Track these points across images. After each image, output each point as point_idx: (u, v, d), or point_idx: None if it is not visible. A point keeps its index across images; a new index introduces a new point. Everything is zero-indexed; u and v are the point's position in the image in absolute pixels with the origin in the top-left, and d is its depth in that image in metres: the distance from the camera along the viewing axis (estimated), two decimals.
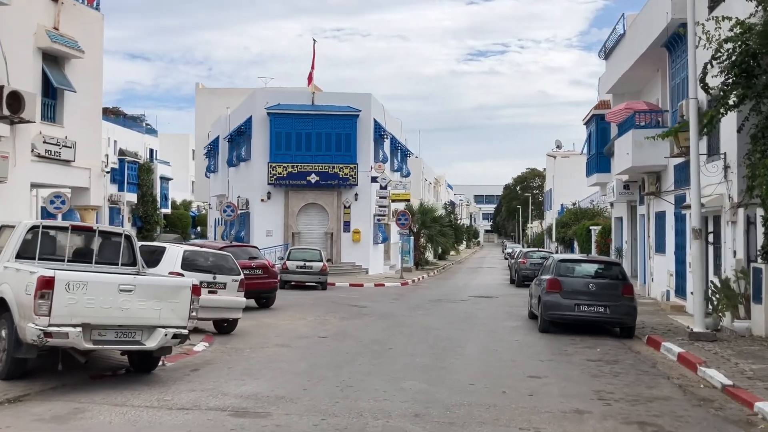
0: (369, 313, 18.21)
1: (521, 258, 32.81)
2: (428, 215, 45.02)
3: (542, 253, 32.65)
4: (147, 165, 61.08)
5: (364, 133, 34.42)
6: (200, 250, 13.88)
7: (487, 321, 17.05)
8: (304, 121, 33.71)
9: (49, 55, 17.40)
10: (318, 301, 21.14)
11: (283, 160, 33.42)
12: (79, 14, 18.47)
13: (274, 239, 33.43)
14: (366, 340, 13.32)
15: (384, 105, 38.60)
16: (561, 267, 15.01)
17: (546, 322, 14.82)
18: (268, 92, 35.25)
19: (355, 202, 34.40)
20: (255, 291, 18.30)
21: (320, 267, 25.94)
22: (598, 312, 14.27)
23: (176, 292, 8.89)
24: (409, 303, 21.44)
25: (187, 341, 11.61)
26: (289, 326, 15.17)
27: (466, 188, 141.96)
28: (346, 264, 34.11)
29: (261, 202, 33.99)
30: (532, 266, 29.57)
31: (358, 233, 34.34)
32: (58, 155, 17.46)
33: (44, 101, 17.52)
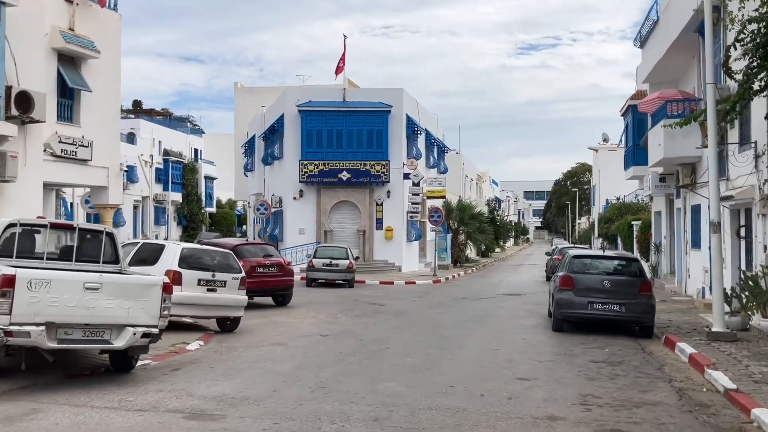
0: (384, 311, 17.86)
1: (556, 254, 31.93)
2: (466, 212, 44.37)
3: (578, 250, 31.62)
4: (191, 165, 62.03)
5: (395, 129, 34.05)
6: (200, 248, 13.76)
7: (503, 319, 16.51)
8: (335, 118, 33.54)
9: (64, 56, 17.60)
10: (339, 299, 20.89)
11: (315, 157, 33.34)
12: (96, 15, 18.64)
13: (307, 237, 33.40)
14: (367, 338, 12.99)
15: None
16: (575, 263, 14.36)
17: (559, 321, 14.22)
18: (299, 90, 35.23)
19: (387, 200, 34.06)
20: (270, 289, 18.23)
21: (346, 264, 25.71)
22: (612, 310, 13.59)
23: (146, 291, 8.72)
24: (431, 301, 21.01)
25: (181, 340, 11.57)
26: (296, 324, 14.95)
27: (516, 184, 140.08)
28: (378, 261, 33.84)
29: (293, 200, 33.99)
30: None
31: (391, 230, 34.00)
32: (74, 154, 17.64)
33: (60, 101, 17.73)
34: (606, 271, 14.19)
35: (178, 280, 12.62)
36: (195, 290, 12.82)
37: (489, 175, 72.75)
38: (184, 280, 12.69)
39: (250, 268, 17.65)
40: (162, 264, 12.88)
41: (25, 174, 15.12)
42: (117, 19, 19.41)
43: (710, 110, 12.61)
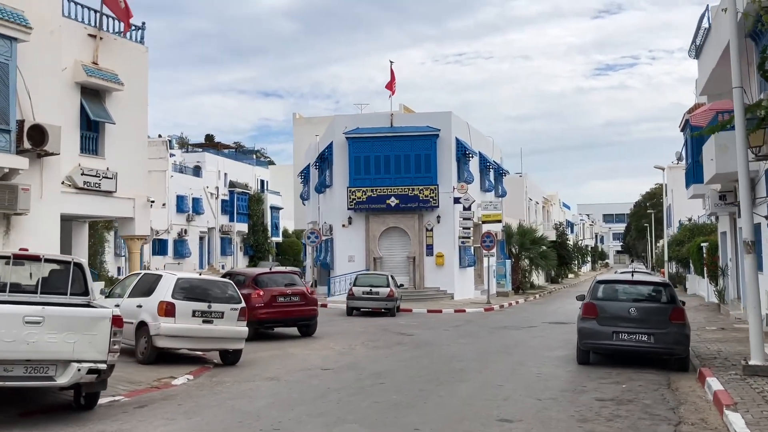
0: (408, 341, 17.00)
1: None
2: (527, 236, 42.92)
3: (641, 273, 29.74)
4: (257, 196, 62.96)
5: (444, 153, 33.27)
6: (197, 277, 13.36)
7: (531, 350, 15.35)
8: (382, 144, 33.09)
9: (88, 89, 17.82)
10: (370, 328, 20.14)
11: (363, 184, 32.92)
12: (121, 48, 18.87)
13: (356, 265, 32.87)
14: (368, 372, 12.19)
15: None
16: (599, 289, 13.16)
17: (582, 353, 13.01)
18: (347, 117, 34.98)
19: (437, 225, 33.20)
20: (291, 319, 17.72)
21: (387, 293, 24.97)
22: (640, 341, 12.31)
23: (93, 324, 8.28)
24: (466, 331, 19.96)
25: (170, 374, 11.07)
26: (306, 357, 14.30)
27: (594, 207, 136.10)
28: (429, 289, 32.92)
29: (342, 227, 33.61)
30: None
31: (442, 257, 33.05)
32: (98, 186, 17.75)
33: (85, 134, 17.93)
34: (633, 297, 12.91)
35: (171, 311, 12.25)
36: (189, 322, 12.39)
37: (558, 197, 70.56)
38: (177, 311, 12.30)
39: (270, 297, 17.26)
40: (157, 295, 12.55)
41: (41, 207, 15.19)
42: (143, 52, 19.61)
43: (738, 117, 11.35)
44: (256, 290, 17.30)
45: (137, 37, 19.61)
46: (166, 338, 12.18)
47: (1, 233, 14.56)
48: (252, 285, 17.52)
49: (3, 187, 14.12)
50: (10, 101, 14.14)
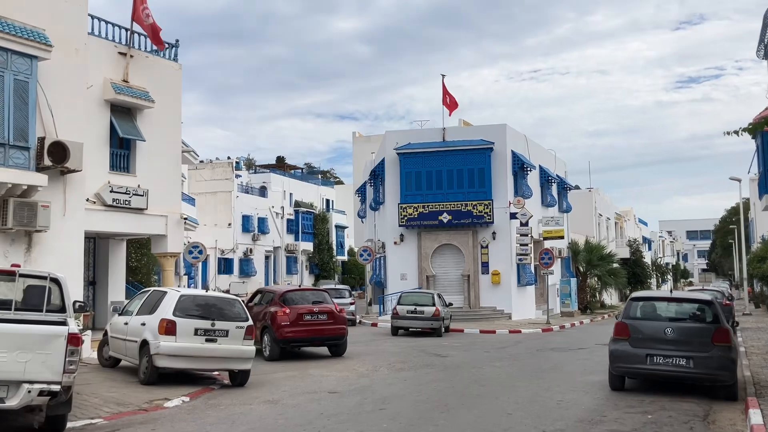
0: (438, 364, 16.04)
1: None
2: (594, 253, 41.03)
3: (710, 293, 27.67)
4: (322, 215, 63.14)
5: (499, 167, 32.13)
6: (202, 294, 12.83)
7: (567, 375, 14.12)
8: (434, 159, 32.27)
9: (118, 107, 17.85)
10: (405, 349, 19.26)
11: (414, 200, 32.16)
12: (153, 65, 18.87)
13: (409, 283, 32.03)
14: (376, 397, 11.37)
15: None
16: (632, 307, 11.89)
17: (615, 378, 11.77)
18: (399, 134, 34.35)
19: (492, 242, 32.01)
20: (318, 338, 17.08)
21: (432, 312, 24.02)
22: (677, 365, 10.99)
23: (47, 342, 7.83)
24: (509, 352, 18.79)
25: (166, 395, 10.56)
26: (322, 379, 13.58)
27: (677, 224, 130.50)
28: (485, 309, 31.69)
29: (394, 245, 32.88)
30: None
31: (498, 275, 31.79)
32: (128, 204, 17.69)
33: (115, 151, 17.93)
34: (671, 316, 11.59)
35: (172, 329, 11.80)
36: (191, 340, 11.91)
37: (633, 213, 67.61)
38: (178, 329, 11.84)
39: (297, 315, 16.70)
40: (159, 312, 12.14)
41: (64, 224, 15.16)
42: (177, 69, 19.57)
43: None
44: (283, 308, 16.77)
45: (171, 55, 19.61)
46: (167, 358, 11.73)
47: (23, 250, 14.55)
48: (279, 302, 17.01)
49: (22, 204, 14.11)
50: (29, 119, 14.15)
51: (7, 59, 13.77)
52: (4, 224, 13.96)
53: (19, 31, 13.91)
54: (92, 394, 10.83)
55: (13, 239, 14.34)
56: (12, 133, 13.79)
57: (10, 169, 13.74)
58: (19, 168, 13.91)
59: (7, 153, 13.75)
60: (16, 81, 13.92)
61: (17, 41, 13.80)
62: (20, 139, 13.98)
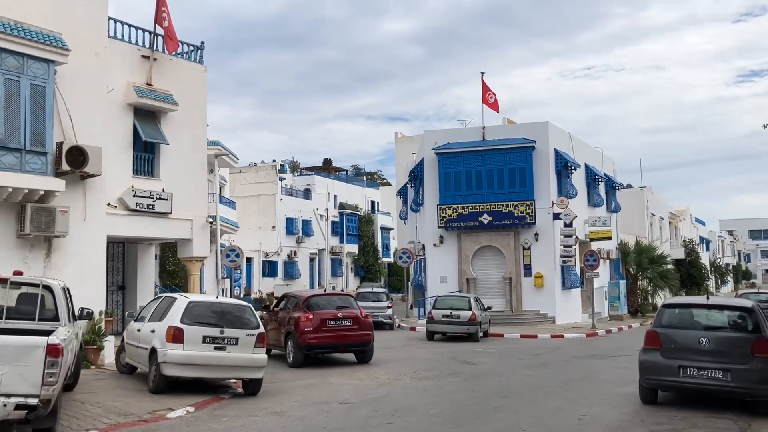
0: (466, 372, 15.36)
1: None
2: (645, 254, 39.52)
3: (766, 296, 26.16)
4: (367, 217, 62.84)
5: (541, 166, 31.11)
6: (211, 301, 12.47)
7: (597, 386, 13.27)
8: (473, 159, 31.46)
9: (141, 110, 17.74)
10: (437, 356, 18.62)
11: (453, 201, 31.42)
12: (177, 68, 18.73)
13: (448, 286, 31.29)
14: (387, 409, 10.80)
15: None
16: (665, 314, 11.01)
17: (646, 391, 10.93)
18: (437, 133, 33.64)
19: (535, 243, 31.00)
20: (342, 344, 16.59)
21: (468, 316, 23.29)
22: (713, 378, 10.08)
23: (24, 354, 7.51)
24: (544, 359, 17.96)
25: (170, 406, 10.22)
26: (340, 387, 13.08)
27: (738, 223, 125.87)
28: (528, 312, 30.71)
29: (434, 247, 32.20)
30: None
31: (541, 277, 30.77)
32: (151, 208, 17.55)
33: (139, 155, 17.83)
34: (707, 325, 10.67)
35: (179, 337, 11.47)
36: (199, 348, 11.55)
37: (689, 212, 65.18)
38: (186, 336, 11.49)
39: (320, 321, 16.27)
40: (167, 320, 11.83)
41: (85, 229, 15.07)
42: (202, 71, 19.40)
43: None
44: (306, 314, 16.35)
45: (195, 57, 19.46)
46: (174, 366, 11.40)
47: (43, 256, 14.50)
48: (303, 308, 16.60)
49: (40, 210, 14.04)
50: (46, 124, 14.08)
51: (23, 64, 13.73)
52: (22, 230, 13.92)
53: (35, 36, 13.85)
54: (96, 404, 10.56)
55: (32, 245, 14.30)
56: (29, 138, 13.73)
57: (27, 175, 13.68)
58: (36, 173, 13.85)
59: (24, 158, 13.70)
60: (32, 86, 13.86)
61: (33, 46, 13.74)
62: (37, 144, 13.91)
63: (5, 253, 13.84)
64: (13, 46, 13.49)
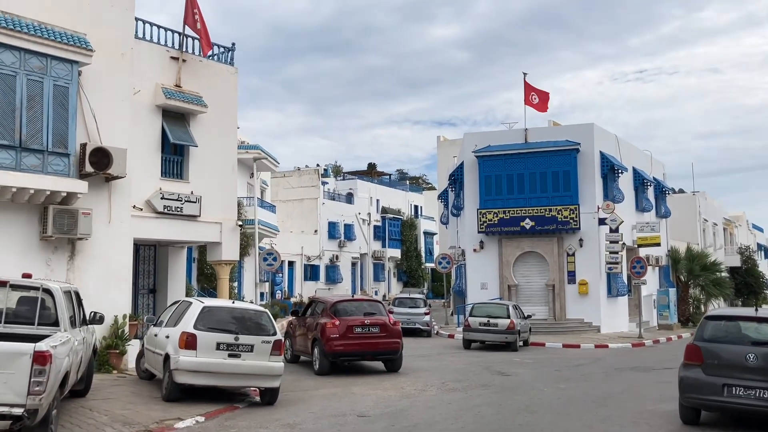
0: (497, 384, 14.61)
1: None
2: (696, 262, 37.90)
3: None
4: (410, 221, 62.23)
5: (586, 169, 30.03)
6: (227, 306, 12.02)
7: (636, 403, 12.36)
8: (515, 162, 30.57)
9: (170, 112, 17.52)
10: (470, 366, 17.90)
11: (494, 205, 30.57)
12: (207, 70, 18.46)
13: (489, 293, 30.46)
14: (404, 423, 10.20)
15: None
16: (708, 327, 10.11)
17: (687, 410, 10.06)
18: (478, 135, 32.82)
19: (579, 249, 29.94)
20: (370, 352, 16.09)
21: (506, 324, 22.47)
22: (762, 399, 9.16)
23: (9, 361, 7.15)
24: (583, 371, 17.07)
25: (179, 415, 9.83)
26: (362, 398, 12.53)
27: None
28: (572, 321, 29.65)
29: (474, 252, 31.40)
30: None
31: (585, 285, 29.68)
32: (179, 210, 17.30)
33: (168, 157, 17.60)
34: (755, 339, 9.72)
35: (192, 343, 11.08)
36: (212, 356, 11.13)
37: (745, 218, 62.62)
38: (199, 343, 11.10)
39: (347, 328, 15.77)
40: (181, 325, 11.46)
41: (109, 231, 14.89)
42: (233, 73, 19.09)
43: None
44: (332, 320, 15.86)
45: (226, 59, 19.17)
46: (186, 373, 11.01)
47: (66, 258, 14.35)
48: (329, 314, 16.12)
49: (62, 212, 13.87)
50: (69, 125, 13.92)
51: (46, 65, 13.58)
52: (44, 232, 13.77)
53: (59, 36, 13.69)
54: (104, 411, 10.23)
55: (56, 247, 14.15)
56: (51, 139, 13.57)
57: (49, 176, 13.51)
58: (59, 175, 13.66)
59: (46, 160, 13.54)
60: (55, 87, 13.70)
61: (56, 46, 13.57)
62: (59, 146, 13.74)
63: (29, 255, 13.71)
64: (37, 47, 13.34)
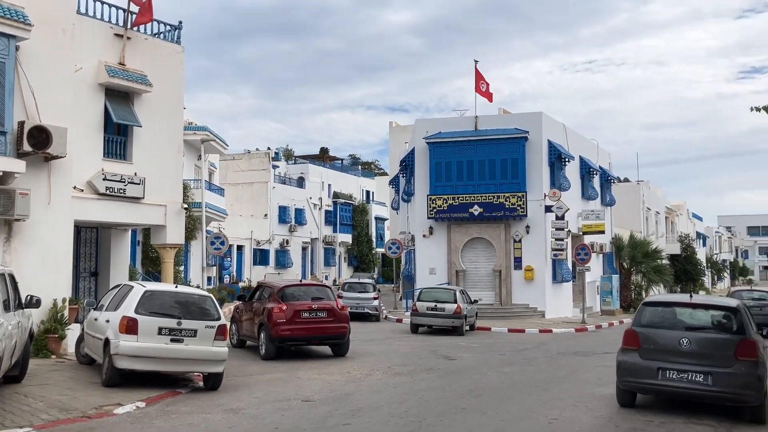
0: (443, 368, 14.77)
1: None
2: (639, 249, 38.92)
3: (759, 293, 25.64)
4: (362, 206, 62.20)
5: (534, 157, 30.45)
6: (170, 290, 11.83)
7: (575, 386, 12.65)
8: (465, 149, 30.79)
9: (114, 91, 17.05)
10: (416, 350, 18.05)
11: (444, 192, 30.78)
12: (153, 48, 18.00)
13: (437, 278, 30.75)
14: (348, 408, 10.21)
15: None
16: (645, 313, 10.39)
17: (624, 393, 10.34)
18: (429, 122, 32.95)
19: (526, 236, 30.40)
20: (317, 336, 16.02)
21: (453, 309, 22.69)
22: (693, 382, 9.48)
23: None
24: (526, 356, 17.38)
25: (119, 401, 9.63)
26: (308, 383, 12.50)
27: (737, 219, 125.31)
28: (518, 306, 30.15)
29: (423, 238, 31.59)
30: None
31: (531, 271, 30.18)
32: (122, 192, 16.90)
33: (111, 137, 17.15)
34: (689, 325, 10.05)
35: (133, 328, 10.87)
36: (154, 340, 10.94)
37: (686, 207, 64.53)
38: (140, 328, 10.89)
39: (294, 313, 15.70)
40: (122, 309, 11.22)
41: (49, 213, 14.45)
42: (179, 52, 18.67)
43: None
44: (280, 304, 15.77)
45: (173, 37, 18.72)
46: (127, 358, 10.80)
47: (2, 240, 13.87)
48: (276, 299, 16.02)
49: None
50: (5, 102, 13.44)
51: None
52: None
53: None
54: (40, 397, 9.97)
55: None
56: None
57: None
58: None
59: None
60: None
61: None
62: None
63: None
64: None
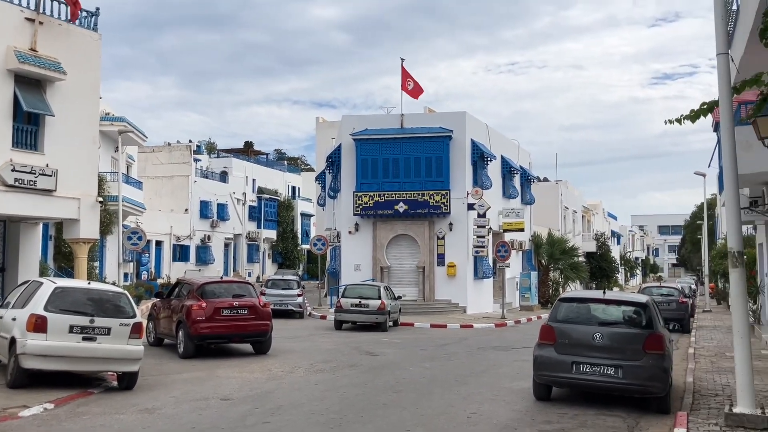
0: (365, 363, 14.80)
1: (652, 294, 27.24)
2: (557, 246, 40.12)
3: (667, 290, 26.87)
4: (287, 202, 61.56)
5: (458, 156, 30.90)
6: (81, 287, 11.41)
7: (494, 380, 12.91)
8: (391, 146, 30.96)
9: (24, 78, 16.28)
10: (339, 346, 18.02)
11: (370, 188, 30.85)
12: (67, 34, 17.29)
13: (362, 274, 30.80)
14: (269, 406, 10.09)
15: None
16: (561, 309, 10.71)
17: (540, 387, 10.62)
18: (356, 119, 32.93)
19: (449, 233, 30.82)
20: (238, 334, 15.76)
21: (377, 305, 22.80)
22: (605, 375, 9.84)
23: None
24: (447, 351, 17.63)
25: (25, 402, 9.16)
26: (227, 381, 12.28)
27: (649, 218, 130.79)
28: (440, 302, 30.54)
29: (349, 234, 31.57)
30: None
31: (454, 267, 30.62)
32: (33, 184, 16.16)
33: (20, 127, 16.37)
34: (602, 320, 10.42)
35: (42, 326, 10.41)
36: (64, 339, 10.51)
37: (601, 207, 66.94)
38: (50, 326, 10.44)
39: (214, 310, 15.39)
40: (30, 307, 10.73)
41: None
42: (96, 39, 17.98)
43: (722, 90, 8.89)
44: (199, 302, 15.42)
45: (89, 24, 18.03)
46: (35, 358, 10.34)
47: None
48: (196, 296, 15.66)
49: None
50: None
51: None
52: None
53: None
54: None
55: None
56: None
57: None
58: None
59: None
60: None
61: None
62: None
63: None
64: None
